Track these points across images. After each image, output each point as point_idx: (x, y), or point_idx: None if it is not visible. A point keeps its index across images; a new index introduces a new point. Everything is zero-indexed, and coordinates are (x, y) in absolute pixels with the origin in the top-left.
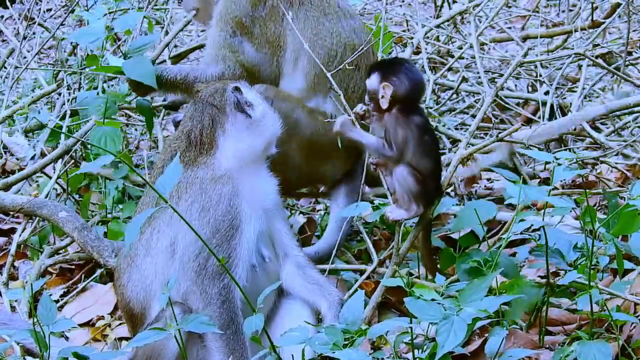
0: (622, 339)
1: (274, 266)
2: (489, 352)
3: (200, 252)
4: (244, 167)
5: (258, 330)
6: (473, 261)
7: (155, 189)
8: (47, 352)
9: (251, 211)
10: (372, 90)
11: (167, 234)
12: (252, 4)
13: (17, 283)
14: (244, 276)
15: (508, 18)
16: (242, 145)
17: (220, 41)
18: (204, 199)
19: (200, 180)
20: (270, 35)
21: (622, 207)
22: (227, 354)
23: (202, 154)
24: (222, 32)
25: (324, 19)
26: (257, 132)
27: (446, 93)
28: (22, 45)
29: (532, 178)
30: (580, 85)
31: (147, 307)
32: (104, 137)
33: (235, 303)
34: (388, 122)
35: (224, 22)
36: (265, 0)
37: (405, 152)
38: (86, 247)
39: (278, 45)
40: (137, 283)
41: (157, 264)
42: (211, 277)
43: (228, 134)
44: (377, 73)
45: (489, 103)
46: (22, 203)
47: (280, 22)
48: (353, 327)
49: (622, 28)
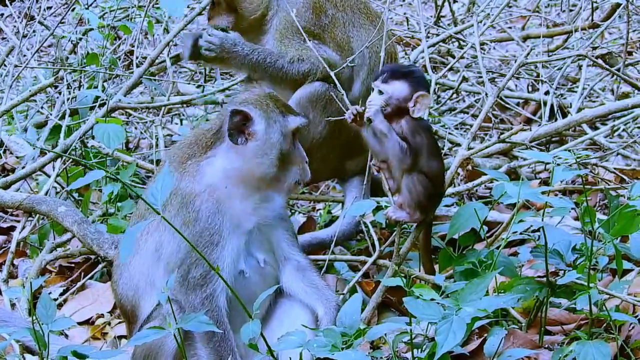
0: (621, 339)
1: (271, 269)
2: (488, 351)
3: (181, 264)
4: (229, 187)
5: (255, 337)
6: (468, 262)
7: (144, 200)
8: (46, 350)
9: (234, 228)
10: (399, 98)
11: (155, 237)
12: (315, 14)
13: (17, 281)
14: (226, 287)
15: (509, 18)
16: (229, 165)
17: (296, 45)
18: (185, 213)
19: (182, 194)
20: (339, 40)
21: (622, 208)
22: (217, 359)
23: (194, 155)
24: (293, 41)
25: (371, 26)
26: (245, 161)
27: (446, 92)
28: (22, 43)
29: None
30: (580, 85)
31: (137, 306)
32: (106, 134)
33: (220, 311)
34: (405, 127)
35: (291, 34)
36: (326, 9)
37: (419, 158)
38: (86, 240)
39: (349, 49)
40: (127, 281)
41: (144, 264)
42: (193, 288)
43: (220, 148)
44: (404, 81)
45: (490, 104)
46: (21, 199)
47: (343, 29)
48: (351, 330)
49: (622, 28)
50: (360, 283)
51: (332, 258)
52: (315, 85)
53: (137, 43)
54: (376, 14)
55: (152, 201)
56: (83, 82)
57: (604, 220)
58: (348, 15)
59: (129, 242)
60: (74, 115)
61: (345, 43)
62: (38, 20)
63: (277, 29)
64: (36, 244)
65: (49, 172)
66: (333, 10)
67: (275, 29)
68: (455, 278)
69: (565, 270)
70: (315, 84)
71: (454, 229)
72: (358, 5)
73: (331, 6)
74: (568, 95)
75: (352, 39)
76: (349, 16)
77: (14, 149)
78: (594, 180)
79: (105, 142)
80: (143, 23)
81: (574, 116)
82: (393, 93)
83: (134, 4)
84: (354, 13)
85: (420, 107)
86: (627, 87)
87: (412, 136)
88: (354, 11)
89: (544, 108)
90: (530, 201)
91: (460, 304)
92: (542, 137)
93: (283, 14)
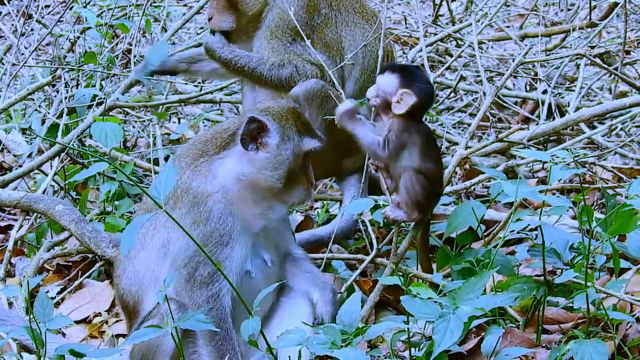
0: (618, 337)
1: (275, 268)
2: (486, 350)
3: (189, 261)
4: (241, 190)
5: (255, 334)
6: (465, 261)
7: (149, 195)
8: (43, 349)
9: (244, 230)
10: (385, 91)
11: (162, 233)
12: (309, 13)
13: (14, 280)
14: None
15: (506, 17)
16: (240, 170)
17: (280, 49)
18: (196, 212)
19: (194, 193)
20: (329, 40)
21: (619, 207)
22: (218, 358)
23: (207, 153)
24: (280, 41)
25: (367, 25)
26: (254, 169)
27: (444, 91)
28: (19, 41)
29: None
30: (578, 84)
31: (140, 301)
32: (104, 133)
33: (224, 310)
34: (394, 124)
35: (281, 32)
36: (320, 9)
37: (404, 156)
38: (84, 239)
39: (337, 50)
40: (131, 276)
41: (149, 260)
42: (199, 286)
43: (233, 150)
44: (396, 76)
45: (488, 104)
46: (19, 198)
47: (335, 29)
48: (350, 328)
49: (620, 27)
50: (358, 282)
51: (330, 256)
52: (311, 82)
53: (134, 42)
54: (372, 13)
55: (156, 195)
56: (81, 81)
57: (601, 219)
58: (342, 14)
59: (131, 233)
60: (72, 114)
61: (336, 43)
62: (36, 18)
63: (268, 27)
64: (34, 242)
65: (46, 170)
66: (327, 9)
67: (267, 26)
68: (453, 277)
69: (562, 269)
70: (311, 82)
71: (452, 227)
72: (353, 5)
73: (325, 5)
74: (566, 94)
75: (344, 38)
76: (343, 15)
77: (12, 148)
78: (592, 179)
79: (102, 141)
80: (141, 22)
81: (571, 115)
82: (381, 85)
83: (131, 3)
84: (348, 12)
85: (402, 105)
86: (625, 86)
87: (399, 133)
88: (349, 10)
89: (542, 107)
90: (528, 200)
91: (458, 303)
92: (540, 136)
93: (277, 10)
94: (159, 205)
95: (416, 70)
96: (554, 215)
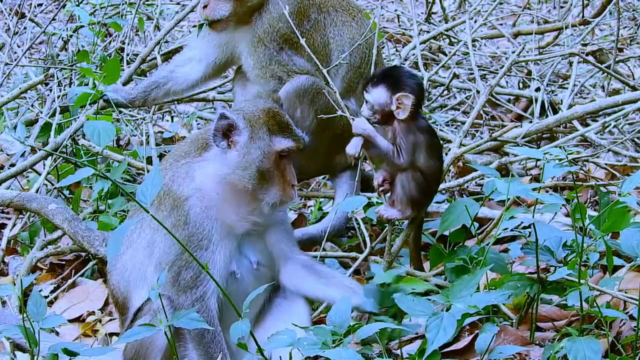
0: (611, 335)
1: (266, 270)
2: (479, 348)
3: (172, 265)
4: (221, 193)
5: (244, 337)
6: (459, 259)
7: (135, 200)
8: (37, 347)
9: (226, 233)
10: (380, 104)
11: (148, 233)
12: (299, 19)
13: (7, 279)
14: (217, 289)
15: (500, 15)
16: (219, 171)
17: (265, 60)
18: (175, 215)
19: (174, 195)
20: (317, 45)
21: (612, 204)
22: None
23: (189, 155)
24: (267, 49)
25: (353, 22)
26: (229, 169)
27: (437, 89)
28: (12, 40)
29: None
30: (571, 82)
31: (128, 298)
32: (97, 131)
33: (211, 313)
34: (398, 130)
35: (269, 39)
36: (309, 14)
37: (416, 158)
38: (77, 237)
39: (324, 53)
40: (119, 272)
41: (135, 258)
42: (183, 290)
43: (212, 152)
44: (383, 85)
45: (482, 103)
46: (12, 197)
47: (323, 32)
48: (341, 329)
49: (613, 25)
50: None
51: (323, 254)
52: (301, 79)
53: (127, 40)
54: (358, 9)
55: (141, 199)
56: (74, 80)
57: (594, 217)
58: (331, 14)
59: (116, 241)
60: (65, 112)
61: (324, 47)
62: (29, 17)
63: (256, 32)
64: (27, 241)
65: (39, 170)
66: (316, 14)
67: (255, 30)
68: (446, 275)
69: (556, 266)
70: (301, 78)
71: (445, 225)
72: (341, 3)
73: (314, 10)
74: (559, 91)
75: (331, 39)
76: (332, 16)
77: (4, 147)
78: (585, 176)
79: (95, 140)
80: (134, 20)
81: (564, 113)
82: (374, 101)
83: (124, 1)
84: (336, 12)
85: (404, 109)
86: (617, 84)
87: (405, 137)
88: (337, 9)
89: (535, 105)
90: (521, 197)
91: (451, 301)
92: (533, 134)
93: (268, 16)
94: (145, 209)
95: (394, 70)
96: (547, 212)
